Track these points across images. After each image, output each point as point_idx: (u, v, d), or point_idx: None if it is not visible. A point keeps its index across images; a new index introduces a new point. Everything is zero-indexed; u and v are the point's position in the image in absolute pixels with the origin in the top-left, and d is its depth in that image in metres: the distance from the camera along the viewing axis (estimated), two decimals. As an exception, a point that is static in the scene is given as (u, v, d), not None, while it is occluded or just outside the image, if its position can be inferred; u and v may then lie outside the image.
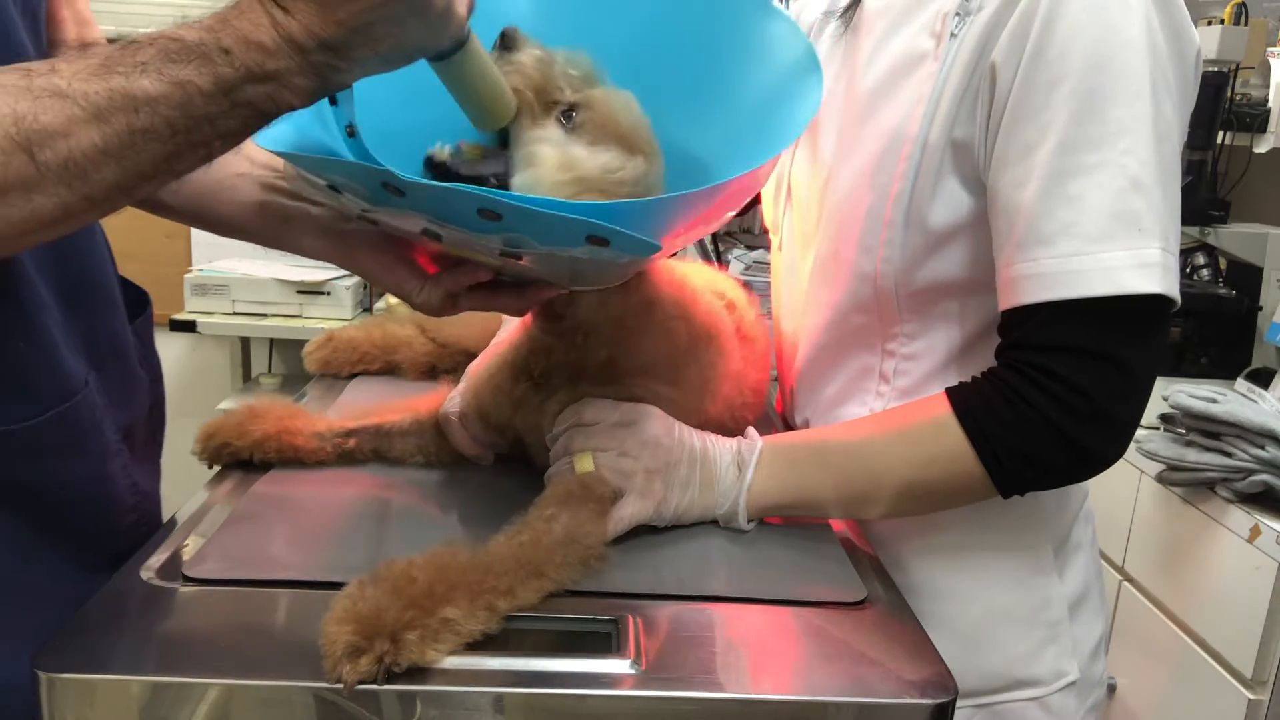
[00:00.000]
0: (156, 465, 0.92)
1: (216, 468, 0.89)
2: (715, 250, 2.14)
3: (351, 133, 0.71)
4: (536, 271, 0.71)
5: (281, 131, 0.67)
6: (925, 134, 0.81)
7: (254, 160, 0.85)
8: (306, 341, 1.18)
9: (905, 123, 0.82)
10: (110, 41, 0.67)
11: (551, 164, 0.71)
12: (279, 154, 0.68)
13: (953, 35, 0.80)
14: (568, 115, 0.73)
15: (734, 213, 0.80)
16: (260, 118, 0.60)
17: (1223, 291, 2.18)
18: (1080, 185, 0.74)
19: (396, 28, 0.60)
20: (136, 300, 0.93)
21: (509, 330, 1.00)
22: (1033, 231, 0.75)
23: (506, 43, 0.73)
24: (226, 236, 0.86)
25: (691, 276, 0.91)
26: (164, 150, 0.57)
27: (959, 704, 0.64)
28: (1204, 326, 2.20)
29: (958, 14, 0.80)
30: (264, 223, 0.84)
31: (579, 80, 0.74)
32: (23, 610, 0.72)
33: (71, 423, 0.74)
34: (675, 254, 0.91)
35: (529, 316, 0.84)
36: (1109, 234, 0.73)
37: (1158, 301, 0.74)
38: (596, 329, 0.80)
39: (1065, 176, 0.74)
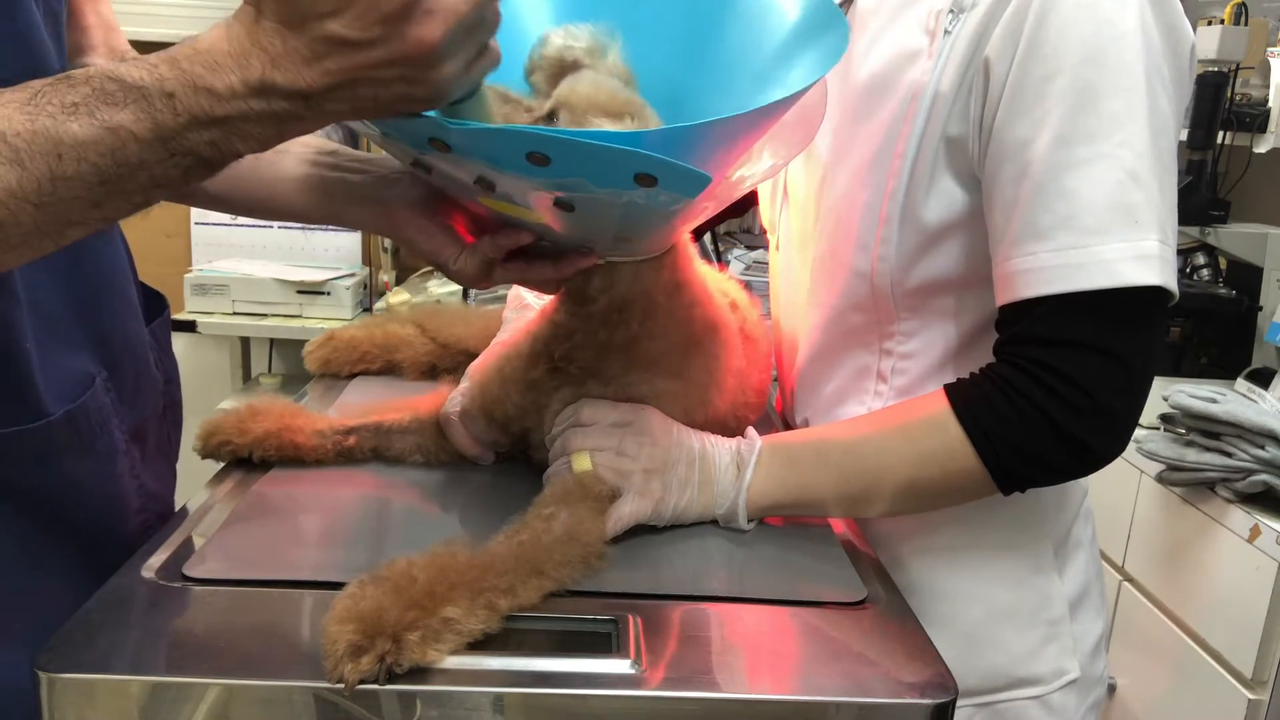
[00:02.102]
0: (171, 468, 0.92)
1: (218, 466, 0.89)
2: (715, 250, 2.13)
3: None
4: (580, 232, 0.71)
5: None
6: (920, 131, 0.81)
7: None
8: (306, 341, 1.18)
9: (900, 120, 0.82)
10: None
11: None
12: None
13: (946, 32, 0.80)
14: (551, 120, 0.72)
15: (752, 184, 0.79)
16: (204, 166, 0.56)
17: (1223, 291, 2.18)
18: (1076, 179, 0.74)
19: (383, 89, 0.57)
20: (154, 303, 0.93)
21: (508, 331, 1.00)
22: (1029, 226, 0.75)
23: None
24: (267, 218, 0.84)
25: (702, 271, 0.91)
26: (90, 197, 0.54)
27: (959, 703, 0.64)
28: (1204, 326, 2.20)
29: (951, 11, 0.80)
30: (304, 198, 0.82)
31: (547, 81, 0.74)
32: (30, 612, 0.72)
33: (80, 422, 0.74)
34: (698, 238, 0.89)
35: (551, 305, 0.84)
36: (1106, 227, 0.73)
37: (1156, 294, 0.74)
38: (629, 303, 0.79)
39: (1061, 170, 0.74)
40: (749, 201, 1.12)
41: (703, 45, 0.81)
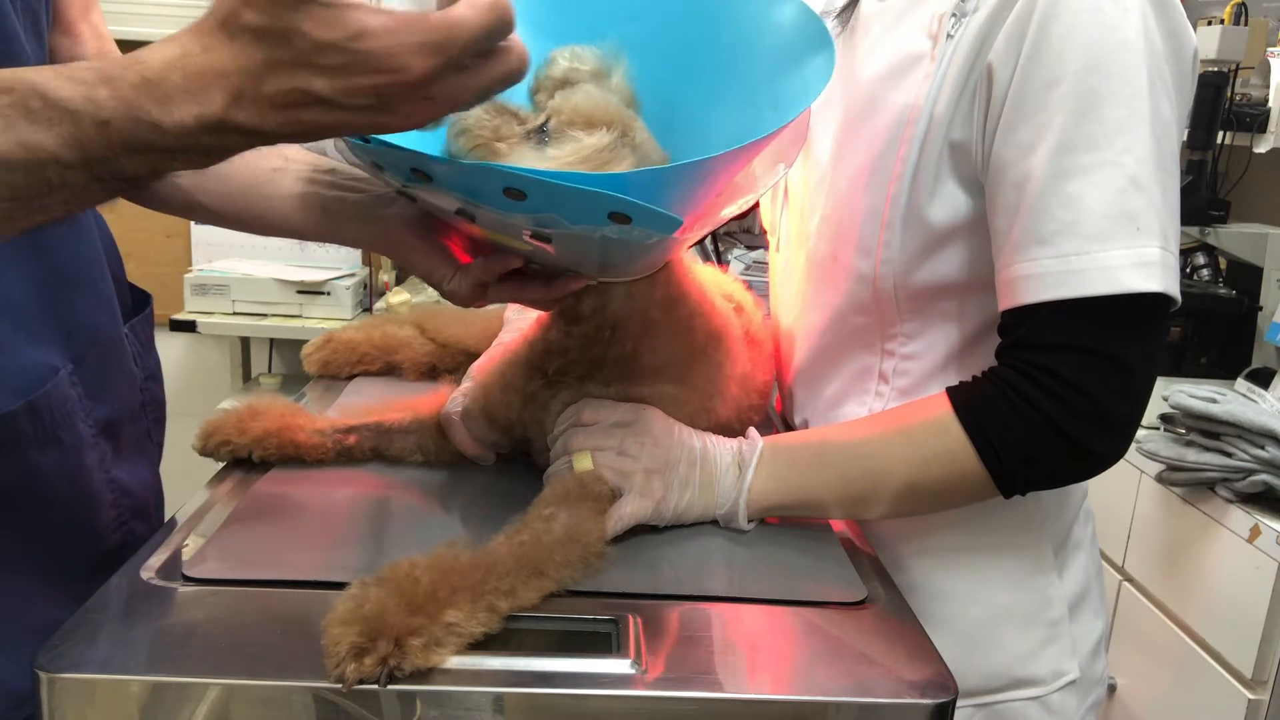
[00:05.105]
0: (152, 465, 0.92)
1: (218, 466, 0.89)
2: (715, 250, 2.14)
3: None
4: (566, 259, 0.72)
5: None
6: (922, 136, 0.81)
7: (288, 156, 0.84)
8: (306, 341, 1.18)
9: (902, 124, 0.82)
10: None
11: None
12: None
13: (949, 36, 0.80)
14: (543, 130, 0.72)
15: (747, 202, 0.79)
16: (134, 186, 0.51)
17: (1223, 291, 2.18)
18: (1078, 185, 0.74)
19: (345, 130, 0.52)
20: (139, 301, 0.93)
21: (511, 332, 1.00)
22: (1032, 232, 0.75)
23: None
24: (265, 234, 0.84)
25: (702, 278, 0.91)
26: None
27: (959, 704, 0.64)
28: (1204, 326, 2.20)
29: (954, 15, 0.80)
30: (303, 215, 0.82)
31: (549, 89, 0.74)
32: (2, 610, 0.72)
33: (43, 413, 0.74)
34: (699, 242, 0.90)
35: (545, 315, 0.84)
36: (1108, 233, 0.73)
37: (1157, 300, 0.74)
38: (624, 322, 0.79)
39: (1063, 177, 0.74)
40: (749, 202, 1.12)
41: (696, 60, 0.82)
